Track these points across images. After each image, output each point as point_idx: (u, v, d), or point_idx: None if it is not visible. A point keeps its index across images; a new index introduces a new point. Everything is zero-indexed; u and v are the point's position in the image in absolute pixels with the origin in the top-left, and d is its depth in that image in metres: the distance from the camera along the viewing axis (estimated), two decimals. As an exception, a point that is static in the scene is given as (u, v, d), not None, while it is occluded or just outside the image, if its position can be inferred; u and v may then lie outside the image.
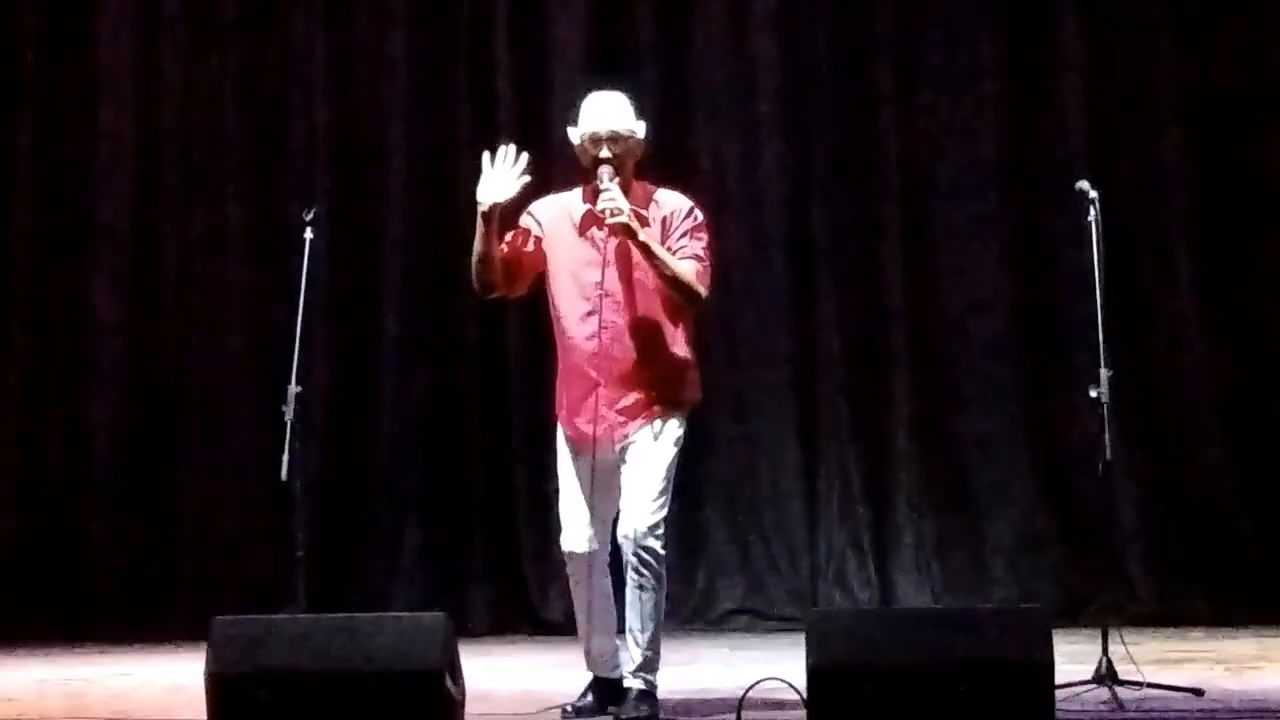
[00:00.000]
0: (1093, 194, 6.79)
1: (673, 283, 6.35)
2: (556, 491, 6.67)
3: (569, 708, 6.53)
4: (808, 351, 10.37)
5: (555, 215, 6.56)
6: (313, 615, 6.62)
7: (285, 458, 6.73)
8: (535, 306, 10.22)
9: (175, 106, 10.87)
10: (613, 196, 6.28)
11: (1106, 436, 6.59)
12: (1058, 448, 9.82)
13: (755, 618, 10.06)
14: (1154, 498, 9.88)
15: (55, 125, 10.95)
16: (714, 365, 9.97)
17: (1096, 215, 6.77)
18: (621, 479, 6.45)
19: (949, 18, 10.37)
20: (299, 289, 7.06)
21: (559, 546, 6.62)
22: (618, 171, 6.37)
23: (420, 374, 10.54)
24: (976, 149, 10.26)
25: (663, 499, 6.39)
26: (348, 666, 5.79)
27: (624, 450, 6.43)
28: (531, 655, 9.09)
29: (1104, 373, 6.62)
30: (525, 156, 6.37)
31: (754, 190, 10.45)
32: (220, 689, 5.81)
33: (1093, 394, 6.61)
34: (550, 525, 10.08)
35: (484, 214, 6.38)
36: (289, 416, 6.81)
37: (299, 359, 6.95)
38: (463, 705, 5.97)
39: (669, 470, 6.42)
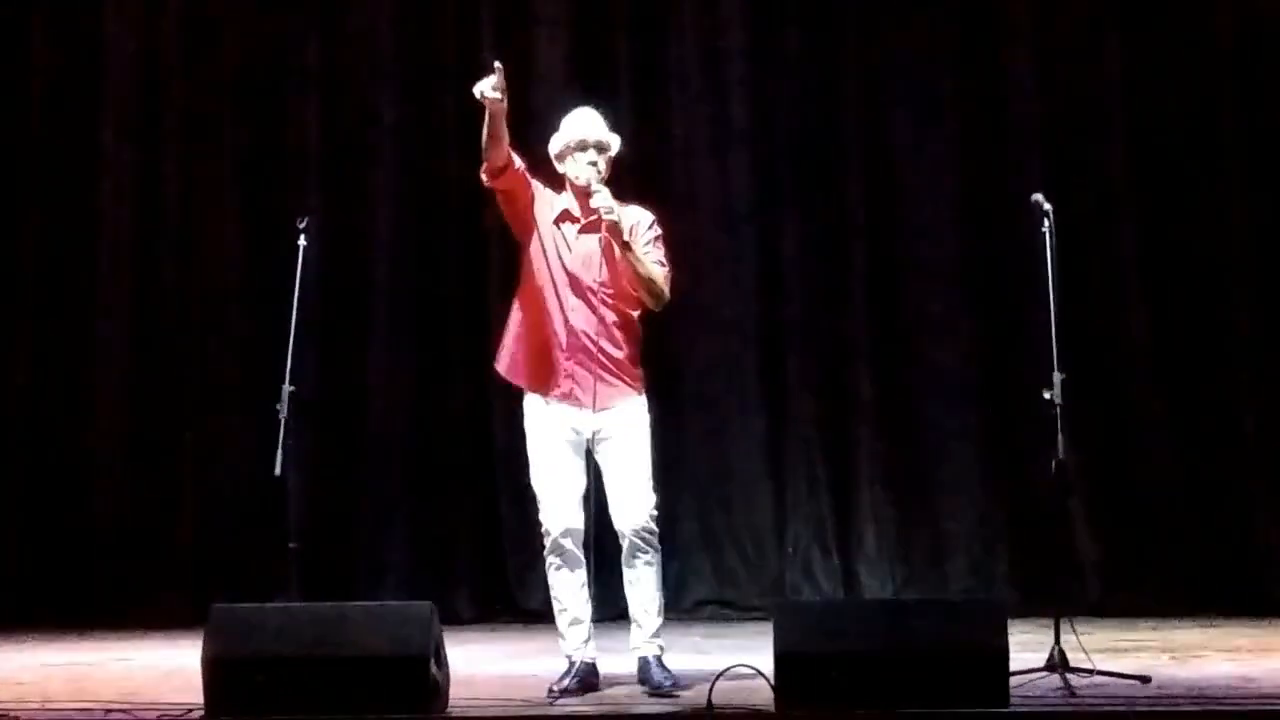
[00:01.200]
0: (1047, 205, 6.98)
1: (646, 282, 6.84)
2: (523, 481, 7.06)
3: (554, 689, 6.73)
4: (774, 350, 10.50)
5: (549, 200, 6.96)
6: (305, 603, 6.76)
7: (279, 454, 6.95)
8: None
9: (175, 122, 11.03)
10: (603, 196, 6.75)
11: (1059, 436, 6.75)
12: (1013, 446, 9.92)
13: (725, 608, 10.16)
14: (1104, 494, 10.01)
15: (60, 126, 11.06)
16: (682, 359, 10.20)
17: (1050, 226, 6.96)
18: (609, 465, 6.86)
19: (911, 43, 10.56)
20: (293, 292, 7.29)
21: (546, 529, 6.89)
22: (598, 176, 6.83)
23: (407, 375, 10.65)
24: (939, 163, 10.43)
25: (650, 481, 6.87)
26: (338, 652, 5.98)
27: (599, 434, 6.85)
28: (513, 642, 9.14)
29: (1057, 376, 6.80)
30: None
31: (726, 194, 10.60)
32: (217, 673, 6.00)
33: (1046, 395, 6.79)
34: (530, 519, 10.35)
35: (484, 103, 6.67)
36: (283, 414, 7.03)
37: (292, 359, 7.19)
38: (447, 689, 6.17)
39: (649, 452, 6.90)
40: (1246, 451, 10.08)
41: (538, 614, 9.96)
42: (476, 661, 7.85)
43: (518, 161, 6.87)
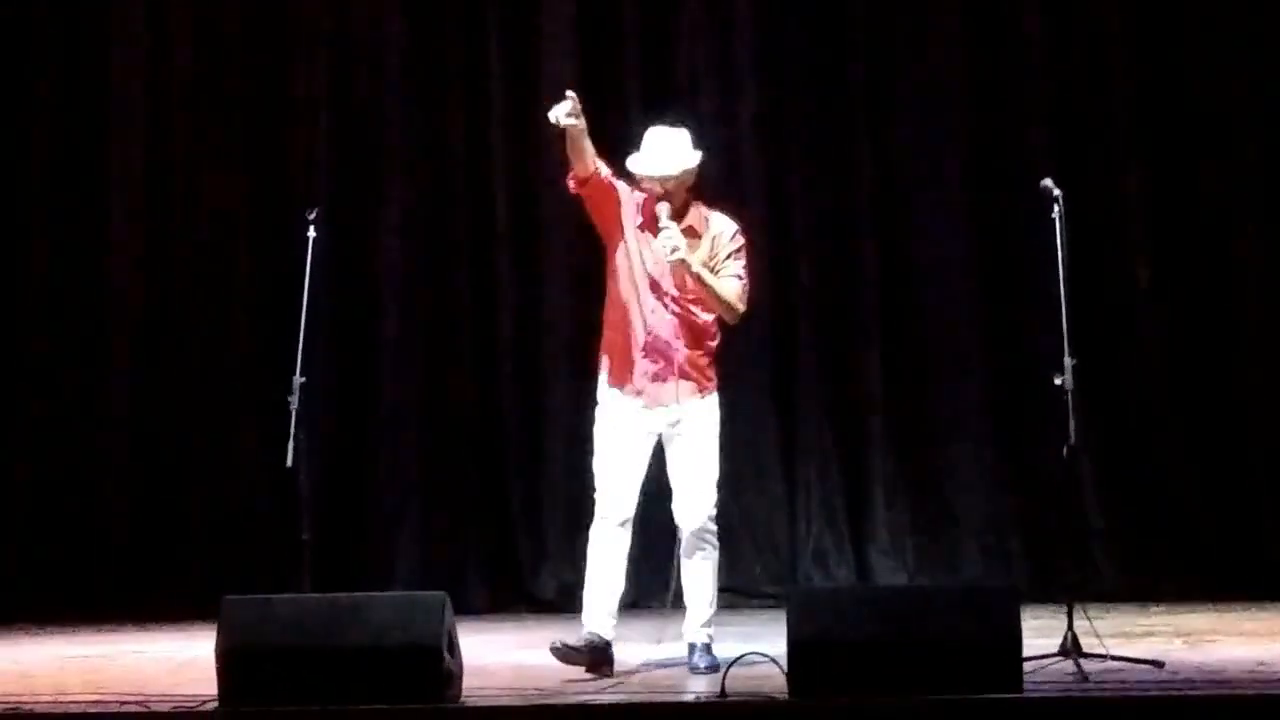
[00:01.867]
0: (1057, 191, 6.98)
1: (718, 302, 7.07)
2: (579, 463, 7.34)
3: (558, 643, 6.87)
4: (785, 337, 10.52)
5: (635, 202, 7.13)
6: (318, 594, 6.76)
7: (290, 445, 7.00)
8: (525, 304, 10.49)
9: (184, 121, 11.07)
10: (670, 236, 6.95)
11: (1071, 421, 6.75)
12: (1025, 432, 9.92)
13: (738, 596, 10.08)
14: (1116, 480, 10.03)
15: (69, 123, 11.09)
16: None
17: (1060, 211, 6.96)
18: (676, 461, 7.07)
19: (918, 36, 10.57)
20: (303, 283, 7.31)
21: (599, 510, 7.05)
22: (671, 201, 7.04)
23: (417, 364, 10.66)
24: (945, 148, 10.42)
25: (714, 480, 7.09)
26: (351, 642, 5.99)
27: (673, 428, 7.05)
28: (525, 632, 9.13)
29: (1068, 361, 6.80)
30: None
31: (736, 184, 10.50)
32: (230, 664, 6.01)
33: (1057, 381, 6.79)
34: (543, 508, 10.38)
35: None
36: (294, 405, 7.07)
37: (303, 351, 7.21)
38: (460, 678, 6.16)
39: (716, 451, 7.11)
40: (1259, 435, 10.07)
41: (550, 604, 10.05)
42: (489, 651, 7.86)
43: (604, 170, 7.04)
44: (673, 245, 6.93)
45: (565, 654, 6.86)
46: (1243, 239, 10.19)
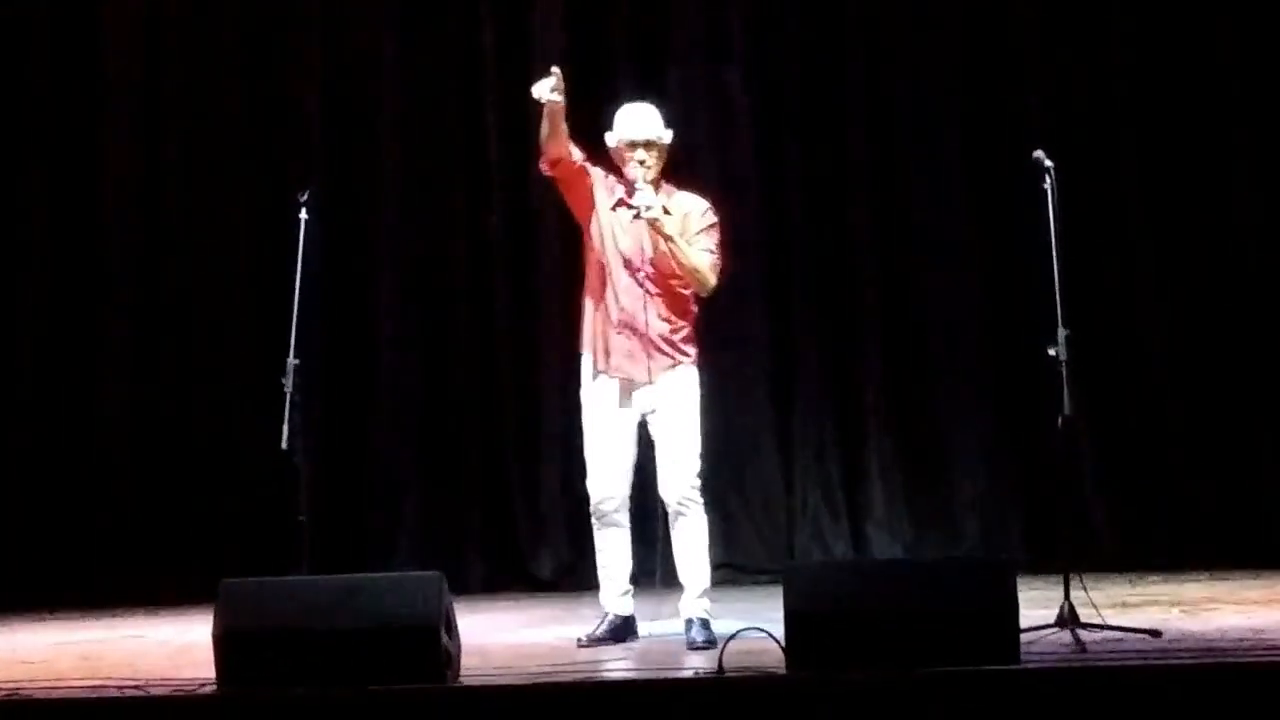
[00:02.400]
0: (1048, 163, 6.97)
1: (689, 271, 7.13)
2: (577, 446, 7.37)
3: (583, 638, 7.03)
4: (781, 314, 10.53)
5: (607, 186, 7.23)
6: (315, 576, 6.76)
7: (285, 427, 7.02)
8: (522, 283, 10.50)
9: (178, 108, 11.07)
10: (645, 194, 7.02)
11: (1065, 392, 6.77)
12: (1021, 404, 9.93)
13: (735, 571, 10.09)
14: (1112, 450, 10.05)
15: (61, 113, 11.10)
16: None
17: (1052, 183, 6.96)
18: (658, 437, 7.14)
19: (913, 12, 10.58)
20: (295, 266, 7.32)
21: (591, 494, 7.16)
22: (648, 172, 7.11)
23: (416, 347, 10.69)
24: (942, 122, 10.43)
25: (696, 450, 7.14)
26: (349, 624, 5.98)
27: (651, 410, 7.13)
28: (524, 611, 9.18)
29: (1061, 331, 6.81)
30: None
31: (729, 169, 10.53)
32: (228, 647, 6.00)
33: (1051, 352, 6.81)
34: (541, 488, 10.39)
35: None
36: (288, 387, 7.09)
37: (297, 332, 7.22)
38: (458, 658, 6.17)
39: (698, 420, 7.17)
40: (1255, 404, 10.09)
41: (549, 583, 10.07)
42: (487, 631, 7.87)
43: (576, 154, 7.16)
44: (646, 203, 7.01)
45: (592, 645, 7.01)
46: (1240, 207, 10.19)
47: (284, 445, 7.00)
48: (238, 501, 10.48)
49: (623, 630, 7.15)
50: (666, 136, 7.20)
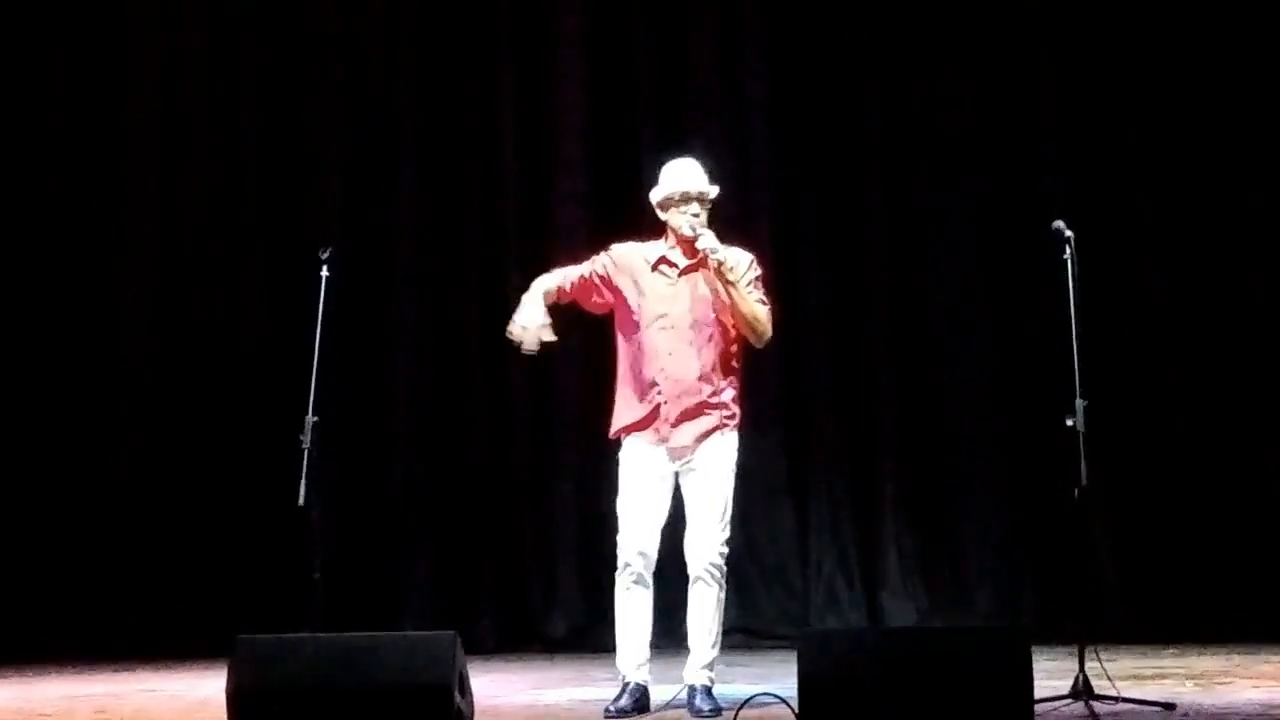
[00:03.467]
0: (1068, 233, 6.98)
1: (749, 320, 7.11)
2: (605, 509, 7.22)
3: (610, 709, 6.91)
4: (797, 382, 10.54)
5: (635, 257, 7.21)
6: (329, 634, 6.70)
7: (302, 485, 7.01)
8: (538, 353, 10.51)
9: (198, 162, 11.15)
10: (708, 238, 7.04)
11: (1083, 463, 6.75)
12: (1036, 473, 9.91)
13: (749, 636, 10.16)
14: (1127, 522, 10.04)
15: (84, 153, 11.19)
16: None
17: (1072, 253, 6.96)
18: (689, 497, 7.05)
19: (932, 72, 10.62)
20: (316, 323, 7.34)
21: (621, 552, 7.03)
22: (698, 224, 7.12)
23: (429, 405, 10.72)
24: (959, 190, 10.47)
25: (728, 515, 7.04)
26: (362, 682, 5.97)
27: (687, 464, 7.02)
28: (537, 671, 9.17)
29: (1079, 402, 6.81)
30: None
31: (747, 221, 10.57)
32: (241, 704, 5.98)
33: (1069, 423, 6.79)
34: (555, 548, 10.39)
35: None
36: (306, 445, 7.09)
37: (316, 390, 7.24)
38: (472, 718, 6.19)
39: (732, 488, 7.06)
40: (1272, 477, 10.07)
41: (562, 643, 10.04)
42: (501, 691, 7.89)
43: (572, 277, 7.21)
44: (711, 246, 7.01)
45: (621, 716, 6.91)
46: (1257, 279, 10.21)
47: (301, 502, 6.99)
48: (252, 557, 10.48)
49: (645, 700, 7.04)
50: (714, 191, 7.21)
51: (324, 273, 7.45)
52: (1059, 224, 7.06)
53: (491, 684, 7.77)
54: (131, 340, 11.03)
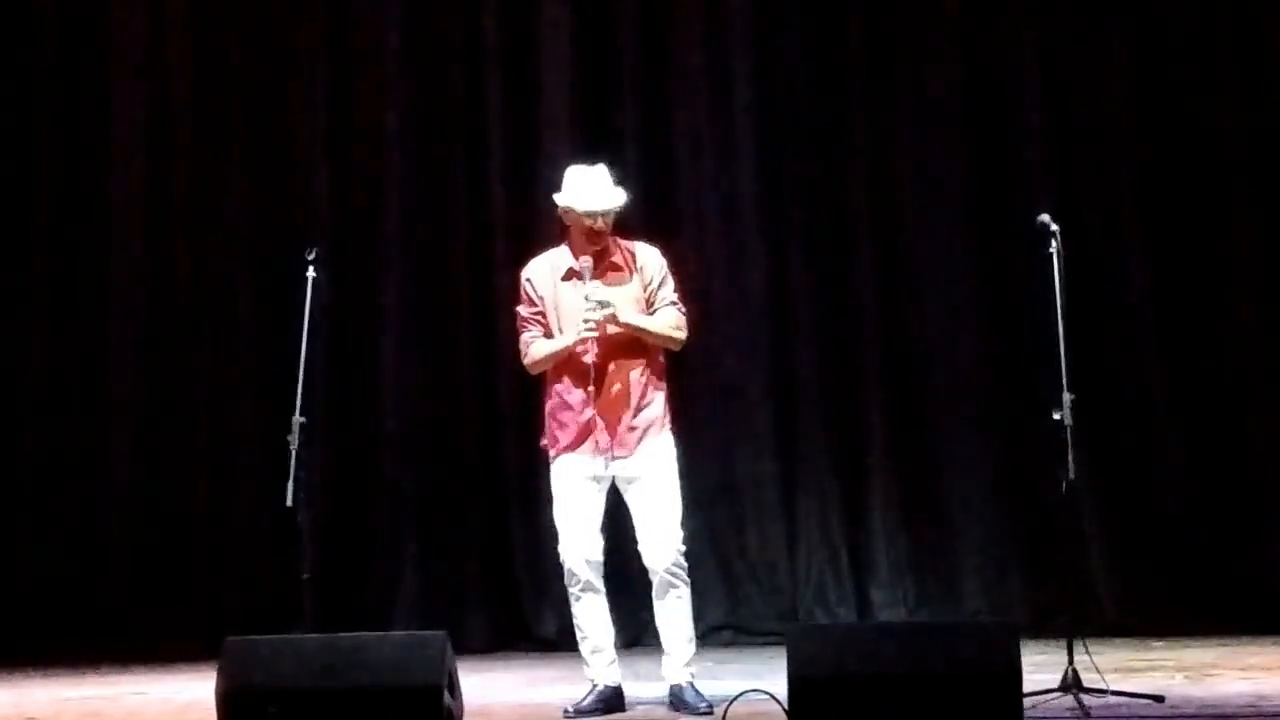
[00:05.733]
0: (1054, 226, 7.00)
1: (662, 341, 7.11)
2: (547, 519, 7.21)
3: (570, 709, 6.93)
4: (785, 374, 10.52)
5: (546, 275, 7.17)
6: (318, 634, 6.76)
7: (290, 485, 7.00)
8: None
9: (186, 157, 11.13)
10: (596, 290, 6.96)
11: (1070, 456, 6.76)
12: (1023, 467, 9.89)
13: (739, 633, 10.18)
14: (1116, 514, 10.03)
15: (71, 146, 11.17)
16: (696, 388, 10.23)
17: (1058, 246, 6.99)
18: (637, 505, 7.03)
19: (917, 71, 10.63)
20: (302, 324, 7.33)
21: (563, 560, 7.05)
22: (600, 240, 7.06)
23: (417, 404, 10.70)
24: (944, 185, 10.45)
25: (679, 517, 7.03)
26: (352, 683, 5.99)
27: (626, 473, 7.02)
28: (527, 670, 9.19)
29: (1066, 396, 6.82)
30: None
31: (733, 225, 10.65)
32: (231, 706, 6.01)
33: (1056, 416, 6.81)
34: (543, 547, 10.38)
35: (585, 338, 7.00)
36: (294, 445, 7.08)
37: (303, 390, 7.23)
38: (461, 718, 6.21)
39: (677, 489, 7.06)
40: (1259, 469, 10.08)
41: (552, 642, 10.04)
42: (491, 690, 7.89)
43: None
44: (599, 313, 6.92)
45: (580, 717, 6.93)
46: (1245, 271, 10.21)
47: (289, 503, 6.99)
48: (240, 558, 10.48)
49: (614, 700, 7.04)
50: (619, 200, 7.09)
51: (310, 273, 7.44)
52: (1044, 217, 7.08)
53: (481, 684, 7.76)
54: (120, 342, 11.00)
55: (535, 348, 7.14)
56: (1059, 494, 6.86)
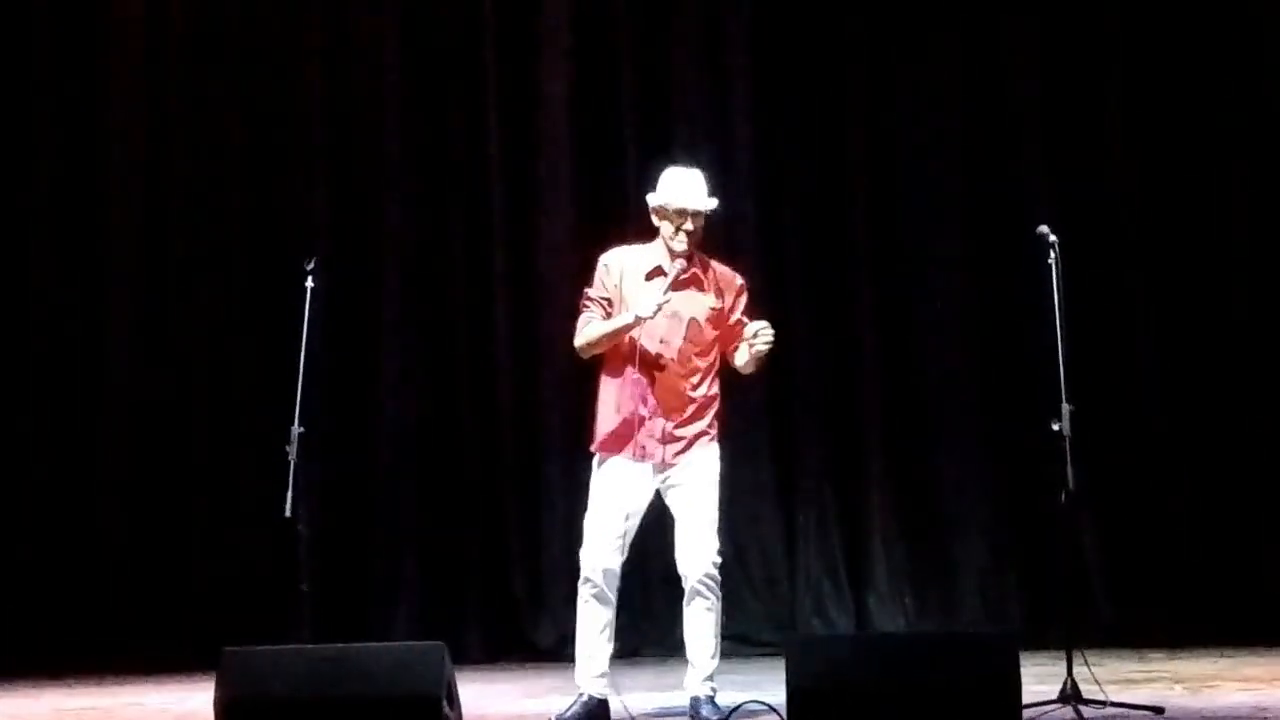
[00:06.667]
0: (1052, 238, 7.03)
1: (752, 369, 7.18)
2: (575, 519, 7.22)
3: (554, 717, 6.91)
4: (784, 386, 10.47)
5: (627, 266, 7.16)
6: (316, 645, 6.75)
7: (289, 495, 7.01)
8: (524, 353, 10.52)
9: (181, 167, 11.10)
10: (768, 337, 7.01)
11: (1069, 467, 6.79)
12: (1022, 477, 9.88)
13: (737, 643, 9.96)
14: (1115, 525, 10.03)
15: (68, 151, 11.14)
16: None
17: (1056, 257, 7.01)
18: (679, 511, 7.03)
19: (916, 84, 10.64)
20: (301, 333, 7.33)
21: (583, 564, 7.02)
22: (692, 240, 7.08)
23: (416, 414, 10.67)
24: (943, 196, 10.47)
25: (716, 527, 7.01)
26: (350, 693, 6.00)
27: (669, 479, 7.02)
28: (525, 681, 9.17)
29: (1065, 407, 6.84)
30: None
31: (730, 235, 10.60)
32: (230, 716, 6.00)
33: (1055, 427, 6.83)
34: (542, 557, 10.38)
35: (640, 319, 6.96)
36: (292, 456, 7.09)
37: (301, 400, 7.23)
38: (460, 728, 6.25)
39: (717, 500, 7.05)
40: (1258, 480, 10.08)
41: (550, 652, 10.03)
42: (489, 701, 7.89)
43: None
44: (767, 341, 7.00)
45: None
46: (1243, 282, 10.23)
47: (287, 513, 6.99)
48: (239, 568, 10.44)
49: (599, 713, 7.00)
50: (713, 205, 7.14)
51: (309, 283, 7.45)
52: (1044, 229, 7.10)
53: (480, 694, 7.77)
54: (118, 351, 10.97)
55: (591, 326, 7.09)
56: (1058, 505, 6.88)
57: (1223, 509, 10.06)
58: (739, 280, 7.26)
